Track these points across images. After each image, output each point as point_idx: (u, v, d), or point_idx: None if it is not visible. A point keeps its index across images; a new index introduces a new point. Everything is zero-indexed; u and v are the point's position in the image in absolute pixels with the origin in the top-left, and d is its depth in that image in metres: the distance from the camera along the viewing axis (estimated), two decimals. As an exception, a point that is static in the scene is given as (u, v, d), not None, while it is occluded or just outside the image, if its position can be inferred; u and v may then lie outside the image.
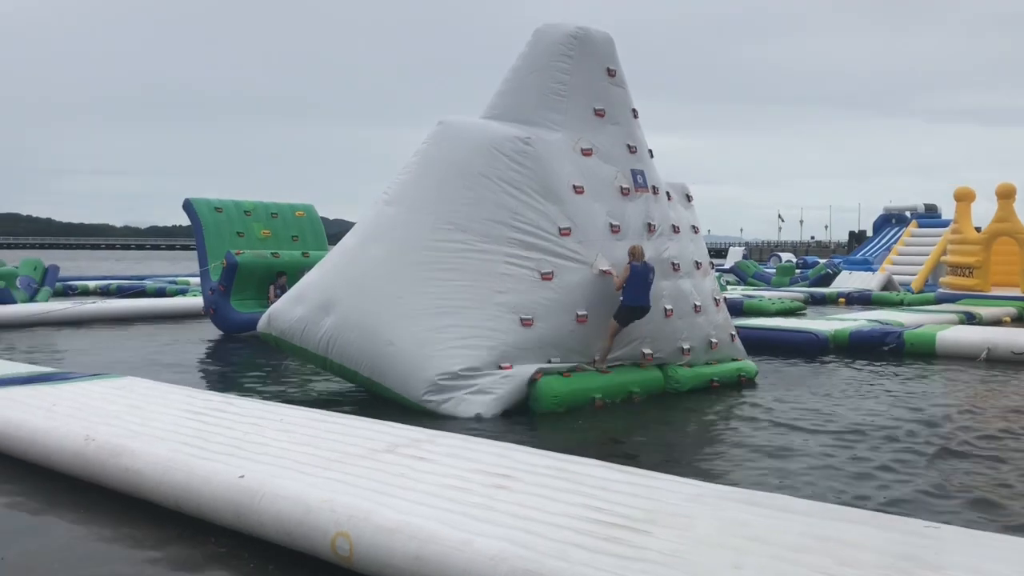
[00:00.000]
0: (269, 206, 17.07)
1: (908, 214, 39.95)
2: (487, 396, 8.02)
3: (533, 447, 5.75)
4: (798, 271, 36.05)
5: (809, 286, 29.64)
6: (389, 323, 8.38)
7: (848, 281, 29.35)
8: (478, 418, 7.83)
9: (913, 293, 26.48)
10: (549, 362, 8.63)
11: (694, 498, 4.49)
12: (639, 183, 9.71)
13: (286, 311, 9.18)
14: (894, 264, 31.53)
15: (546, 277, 8.79)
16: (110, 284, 25.10)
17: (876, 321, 15.37)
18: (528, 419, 8.08)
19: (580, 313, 8.89)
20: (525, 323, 8.59)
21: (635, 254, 9.02)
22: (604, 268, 9.02)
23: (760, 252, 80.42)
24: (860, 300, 24.68)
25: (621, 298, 8.97)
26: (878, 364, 12.18)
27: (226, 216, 16.15)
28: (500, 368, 8.30)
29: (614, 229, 9.28)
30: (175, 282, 25.72)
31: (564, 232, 9.01)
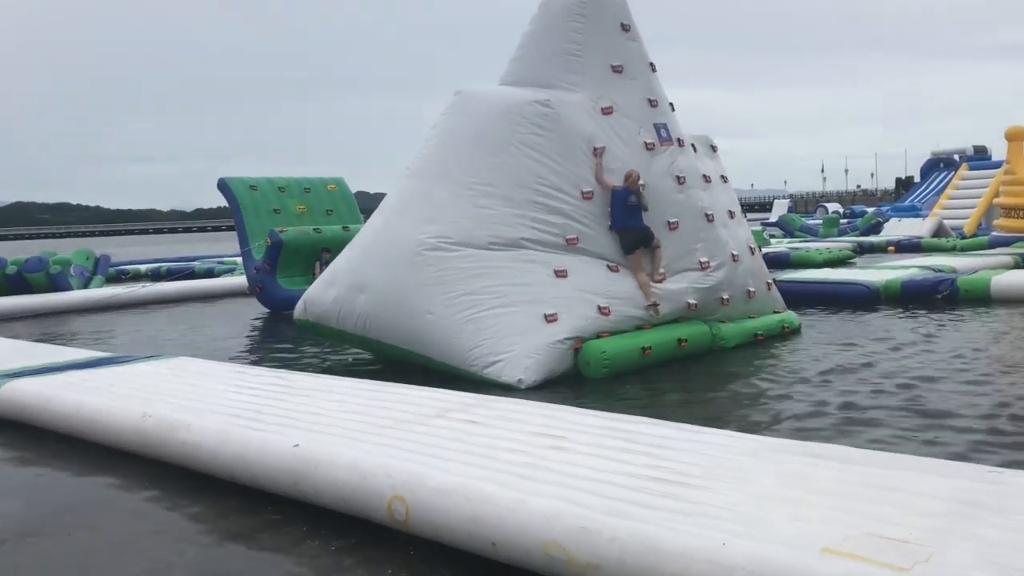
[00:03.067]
0: (301, 181, 17.09)
1: (957, 157, 39.03)
2: (528, 360, 7.99)
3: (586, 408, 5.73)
4: (845, 221, 35.47)
5: (859, 236, 29.12)
6: (424, 293, 8.37)
7: (897, 228, 28.77)
8: (519, 383, 7.81)
9: (965, 238, 25.89)
10: (599, 308, 8.56)
11: (751, 452, 4.43)
12: (663, 136, 9.61)
13: (320, 295, 9.23)
14: (945, 209, 30.83)
15: (571, 243, 8.82)
16: (160, 267, 25.54)
17: (928, 268, 15.04)
18: (576, 384, 8.05)
19: (611, 264, 8.99)
20: (560, 275, 8.59)
21: (628, 177, 9.08)
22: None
23: (805, 204, 79.34)
24: (910, 247, 24.16)
25: (609, 224, 9.09)
26: (932, 313, 11.92)
27: (261, 194, 16.19)
28: (546, 319, 8.25)
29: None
30: (223, 262, 26.03)
31: (587, 196, 8.99)
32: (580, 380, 8.19)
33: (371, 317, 8.70)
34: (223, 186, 16.12)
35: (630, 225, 9.06)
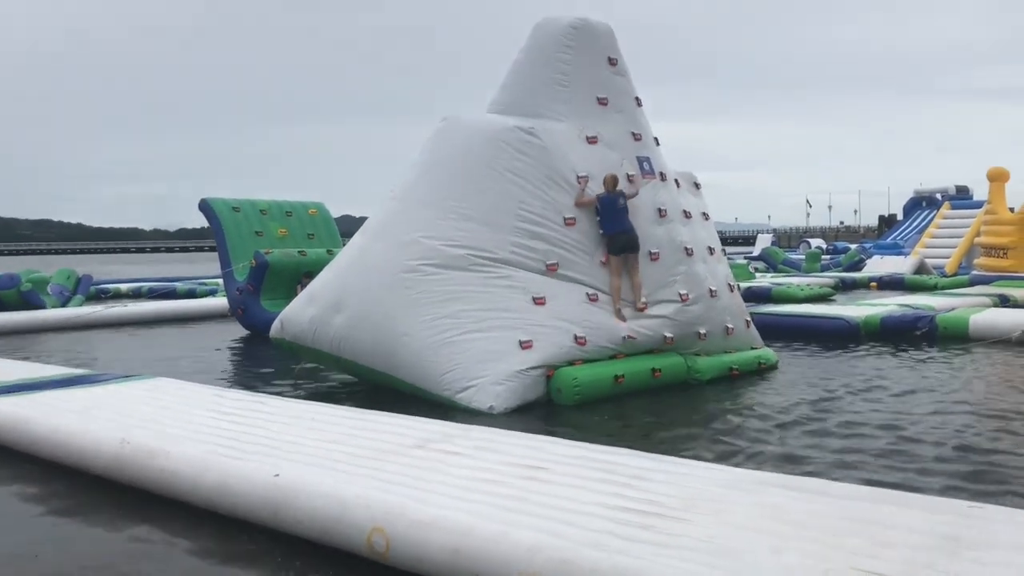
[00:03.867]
0: (283, 204, 16.95)
1: (939, 196, 39.40)
2: (500, 387, 8.01)
3: (563, 438, 5.72)
4: (828, 257, 35.74)
5: (843, 272, 29.35)
6: (400, 314, 8.38)
7: (879, 265, 28.97)
8: (491, 409, 7.81)
9: (946, 276, 26.10)
10: (575, 337, 8.56)
11: (730, 484, 4.44)
12: (646, 170, 9.74)
13: (298, 314, 9.24)
14: (927, 247, 31.09)
15: (551, 268, 8.86)
16: (141, 287, 25.38)
17: (907, 306, 15.16)
18: (554, 412, 8.05)
19: (590, 293, 8.97)
20: (538, 302, 8.61)
21: (605, 182, 9.24)
22: (603, 259, 9.18)
23: (789, 239, 79.96)
24: (892, 284, 24.35)
25: (602, 230, 9.20)
26: (910, 350, 12.00)
27: (244, 215, 16.02)
28: (521, 345, 8.26)
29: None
30: (205, 283, 25.89)
31: (569, 222, 9.06)
32: (554, 407, 8.20)
33: (346, 338, 8.70)
34: (205, 207, 15.89)
35: (621, 229, 9.18)
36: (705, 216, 10.76)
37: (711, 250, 10.37)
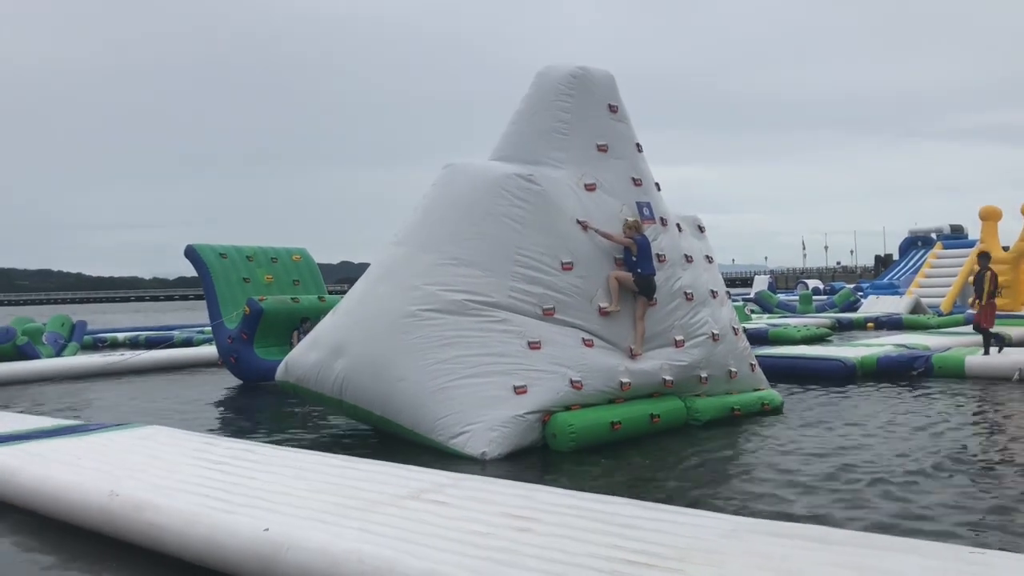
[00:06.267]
0: (268, 251, 16.78)
1: (934, 236, 39.58)
2: (494, 433, 7.96)
3: (557, 487, 5.65)
4: (824, 297, 35.83)
5: (839, 312, 29.37)
6: (398, 359, 8.39)
7: (875, 305, 29.00)
8: (483, 455, 7.76)
9: (941, 315, 26.10)
10: (571, 381, 8.50)
11: (727, 533, 4.36)
12: (645, 215, 9.77)
13: (302, 357, 9.31)
14: (921, 287, 31.13)
15: (548, 313, 8.84)
16: (139, 335, 25.30)
17: (903, 346, 15.14)
18: (549, 457, 7.98)
19: (586, 338, 8.92)
20: (533, 346, 8.58)
21: (636, 228, 9.35)
22: (603, 305, 9.09)
23: (786, 280, 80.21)
24: (889, 324, 24.36)
25: (639, 269, 9.23)
26: (905, 390, 11.93)
27: (231, 262, 15.83)
28: (515, 391, 8.21)
29: (618, 262, 9.34)
30: (203, 331, 25.80)
31: (566, 267, 9.08)
32: (549, 452, 8.13)
33: (347, 381, 8.73)
34: (192, 254, 15.59)
35: (654, 271, 9.34)
36: (709, 259, 10.75)
37: (714, 293, 10.35)
